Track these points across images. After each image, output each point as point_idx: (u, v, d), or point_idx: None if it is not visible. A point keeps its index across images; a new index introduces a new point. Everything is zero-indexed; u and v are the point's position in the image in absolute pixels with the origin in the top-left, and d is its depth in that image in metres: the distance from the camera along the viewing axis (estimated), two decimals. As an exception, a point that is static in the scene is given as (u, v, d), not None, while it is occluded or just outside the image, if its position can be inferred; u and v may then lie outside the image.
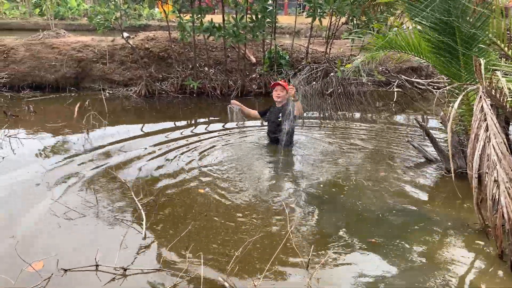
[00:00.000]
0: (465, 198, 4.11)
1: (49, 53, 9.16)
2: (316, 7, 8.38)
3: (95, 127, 6.38)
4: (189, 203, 4.00)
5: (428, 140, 5.10)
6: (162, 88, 9.00)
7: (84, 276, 2.87)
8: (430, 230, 3.58)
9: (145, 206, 3.81)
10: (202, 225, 3.57)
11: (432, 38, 3.92)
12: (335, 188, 4.46)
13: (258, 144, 5.84)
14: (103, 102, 7.48)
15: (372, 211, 3.92)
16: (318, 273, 2.91)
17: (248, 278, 2.85)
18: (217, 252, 3.18)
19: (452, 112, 3.44)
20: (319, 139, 6.19)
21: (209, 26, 8.01)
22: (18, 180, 4.42)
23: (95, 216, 3.67)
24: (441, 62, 4.40)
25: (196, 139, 5.99)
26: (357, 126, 7.06)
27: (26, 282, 2.72)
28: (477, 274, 3.03)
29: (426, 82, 9.35)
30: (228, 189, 4.33)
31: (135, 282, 2.84)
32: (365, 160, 5.34)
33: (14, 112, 7.00)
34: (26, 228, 3.48)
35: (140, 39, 9.67)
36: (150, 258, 3.10)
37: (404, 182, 4.61)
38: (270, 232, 3.48)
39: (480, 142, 3.19)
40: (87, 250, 3.12)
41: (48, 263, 2.93)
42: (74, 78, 9.19)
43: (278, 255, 3.07)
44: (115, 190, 4.24)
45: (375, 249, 3.27)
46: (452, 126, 4.63)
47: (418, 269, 3.05)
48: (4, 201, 3.97)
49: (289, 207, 3.94)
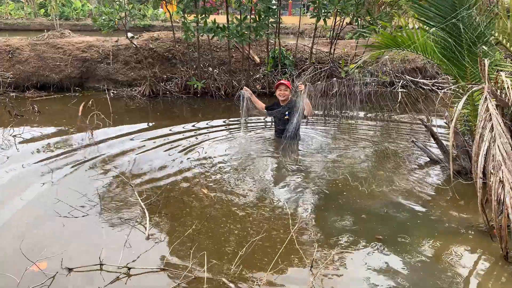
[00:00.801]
0: (470, 199, 4.09)
1: (54, 53, 9.20)
2: (321, 7, 8.38)
3: (99, 126, 6.40)
4: (193, 203, 4.01)
5: (432, 140, 5.08)
6: (166, 88, 9.02)
7: (89, 275, 2.88)
8: (435, 231, 3.57)
9: (148, 206, 3.82)
10: (205, 225, 3.57)
11: (438, 38, 3.91)
12: (339, 187, 4.45)
13: (263, 142, 5.85)
14: (107, 102, 7.51)
15: (376, 210, 3.91)
16: (321, 273, 2.91)
17: (252, 278, 2.85)
18: (220, 251, 3.18)
19: (456, 112, 3.43)
20: (323, 138, 6.18)
21: (212, 27, 8.02)
22: (22, 179, 4.44)
23: (98, 216, 3.68)
24: (446, 62, 4.38)
25: (200, 139, 5.99)
26: (362, 125, 7.04)
27: (30, 281, 2.73)
28: (481, 275, 3.01)
29: (431, 82, 9.32)
30: (232, 188, 4.33)
31: (139, 281, 2.85)
32: (369, 159, 5.32)
33: (19, 112, 7.03)
34: (30, 227, 3.50)
35: (144, 39, 9.69)
36: (154, 258, 3.11)
37: (409, 182, 4.59)
38: (274, 231, 3.47)
39: (485, 142, 3.18)
40: (91, 249, 3.13)
41: (52, 262, 2.94)
42: (78, 78, 9.23)
43: (282, 255, 3.06)
44: (118, 189, 4.25)
45: (379, 249, 3.26)
46: (457, 126, 4.63)
47: (422, 269, 3.04)
48: (8, 200, 3.98)
49: (293, 206, 3.94)
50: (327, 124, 7.15)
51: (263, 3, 7.88)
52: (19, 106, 7.50)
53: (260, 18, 8.06)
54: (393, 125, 7.15)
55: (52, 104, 8.13)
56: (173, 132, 6.28)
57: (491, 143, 3.15)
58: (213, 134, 6.29)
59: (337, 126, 7.04)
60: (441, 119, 6.97)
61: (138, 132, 6.24)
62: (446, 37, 3.90)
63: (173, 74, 9.27)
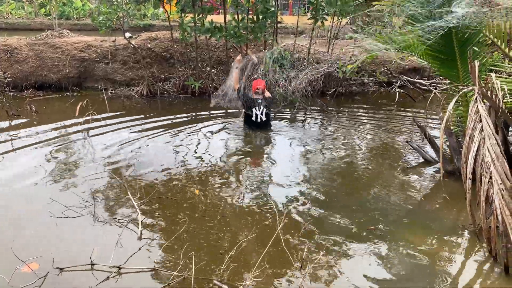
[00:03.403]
0: (461, 200, 4.09)
1: (52, 53, 9.21)
2: (319, 8, 8.39)
3: (95, 126, 6.42)
4: (185, 203, 4.03)
5: (427, 141, 5.10)
6: (164, 88, 9.03)
7: (80, 275, 2.91)
8: (426, 231, 3.59)
9: (141, 206, 3.84)
10: (196, 225, 3.59)
11: (428, 40, 3.92)
12: (330, 187, 4.47)
13: (252, 139, 6.05)
14: (104, 101, 7.53)
15: (368, 210, 3.93)
16: (310, 273, 2.93)
17: (241, 278, 2.87)
18: (210, 251, 3.20)
19: (447, 113, 3.45)
20: (317, 137, 6.21)
21: (210, 27, 8.02)
22: (16, 178, 4.46)
23: (91, 215, 3.69)
24: (438, 63, 4.40)
25: (194, 139, 6.02)
26: (357, 125, 7.05)
27: (21, 281, 2.75)
28: (471, 275, 3.03)
29: (428, 82, 9.32)
30: (224, 189, 4.35)
31: (130, 281, 2.87)
32: (362, 159, 5.34)
33: (16, 112, 7.05)
34: (22, 226, 3.52)
35: (142, 39, 9.70)
36: (145, 258, 3.13)
37: (402, 182, 4.61)
38: (264, 231, 3.49)
39: (475, 143, 3.19)
40: (83, 249, 3.15)
41: (43, 261, 2.96)
42: (77, 78, 9.24)
43: (271, 254, 3.09)
44: (112, 189, 4.28)
45: (369, 249, 3.28)
46: (450, 127, 4.64)
47: (412, 268, 3.06)
48: (2, 199, 4.01)
49: (282, 205, 3.96)
50: (323, 125, 7.16)
51: (262, 4, 7.89)
52: (17, 105, 7.52)
53: (258, 20, 8.07)
54: (388, 125, 7.16)
55: (50, 103, 8.15)
56: (168, 132, 6.30)
57: (480, 144, 3.17)
58: (207, 134, 6.31)
59: (333, 125, 7.05)
60: (435, 120, 6.99)
61: (134, 132, 6.26)
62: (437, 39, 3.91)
63: (171, 74, 9.28)
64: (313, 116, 7.74)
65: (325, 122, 7.30)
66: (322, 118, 7.56)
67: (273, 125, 6.73)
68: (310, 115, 7.77)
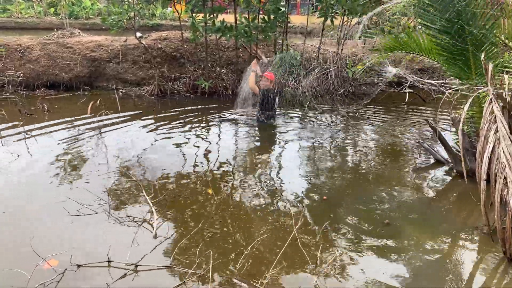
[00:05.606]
0: (475, 200, 4.10)
1: (64, 53, 9.29)
2: (328, 7, 8.39)
3: (107, 125, 6.48)
4: (198, 202, 4.06)
5: (438, 141, 5.09)
6: (174, 88, 9.08)
7: (97, 271, 2.95)
8: (440, 232, 3.59)
9: (156, 205, 3.88)
10: (211, 224, 3.62)
11: (442, 41, 3.92)
12: (343, 186, 4.49)
13: (263, 138, 6.11)
14: (116, 101, 7.59)
15: (381, 210, 3.94)
16: (326, 271, 2.95)
17: (257, 276, 2.89)
18: (226, 250, 3.23)
19: (462, 114, 3.45)
20: (327, 137, 6.21)
21: (220, 27, 8.06)
22: (32, 177, 4.52)
23: (107, 214, 3.74)
24: (451, 64, 4.39)
25: (206, 138, 6.05)
26: (367, 124, 7.05)
27: (40, 277, 2.80)
28: (485, 276, 3.04)
29: (439, 83, 9.28)
30: (236, 188, 4.38)
31: (146, 278, 2.91)
32: (374, 159, 5.35)
33: (29, 111, 7.13)
34: (40, 224, 3.58)
35: (152, 39, 9.76)
36: (161, 255, 3.17)
37: (415, 183, 4.62)
38: (279, 229, 3.52)
39: (490, 144, 3.20)
40: (100, 246, 3.19)
41: (61, 258, 3.01)
42: (88, 77, 9.32)
43: (286, 253, 3.11)
44: (127, 188, 4.32)
45: (383, 249, 3.29)
46: (463, 127, 4.63)
47: (425, 269, 3.07)
48: (18, 198, 4.06)
49: (297, 204, 3.98)
50: (333, 121, 7.17)
51: (273, 4, 7.91)
52: (29, 104, 7.60)
53: (269, 19, 8.09)
54: (399, 126, 7.15)
55: (62, 102, 8.22)
56: (179, 131, 6.34)
57: (495, 145, 3.17)
58: (218, 133, 6.35)
59: (343, 124, 7.06)
60: (447, 120, 6.97)
61: (146, 131, 6.31)
62: (451, 40, 3.90)
63: (181, 73, 9.33)
64: (323, 115, 7.74)
65: (335, 121, 7.31)
66: (332, 117, 7.57)
67: (283, 124, 6.76)
68: (320, 115, 7.77)
